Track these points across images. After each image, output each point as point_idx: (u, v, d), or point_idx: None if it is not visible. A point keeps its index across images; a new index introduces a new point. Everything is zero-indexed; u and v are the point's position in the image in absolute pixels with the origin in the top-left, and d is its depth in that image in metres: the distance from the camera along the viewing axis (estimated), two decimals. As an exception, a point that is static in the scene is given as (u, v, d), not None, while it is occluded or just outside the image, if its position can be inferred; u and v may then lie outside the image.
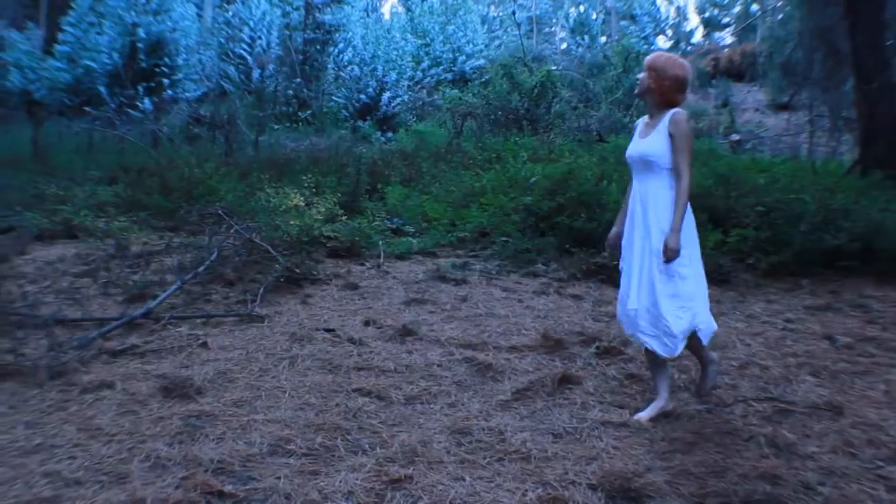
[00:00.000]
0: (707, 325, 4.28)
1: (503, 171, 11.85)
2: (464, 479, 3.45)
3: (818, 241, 8.11)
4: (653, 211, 4.20)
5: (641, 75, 4.33)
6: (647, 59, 4.37)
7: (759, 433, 3.99)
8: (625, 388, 4.75)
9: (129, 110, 21.38)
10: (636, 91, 4.44)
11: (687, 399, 4.56)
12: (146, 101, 23.11)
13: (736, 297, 7.41)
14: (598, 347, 5.55)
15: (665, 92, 4.25)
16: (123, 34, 27.38)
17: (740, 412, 4.34)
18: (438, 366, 5.17)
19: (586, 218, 8.97)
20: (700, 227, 8.45)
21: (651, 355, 4.33)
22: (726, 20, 50.88)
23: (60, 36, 28.55)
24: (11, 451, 3.71)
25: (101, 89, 25.43)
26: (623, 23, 49.97)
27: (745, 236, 8.41)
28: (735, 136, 24.70)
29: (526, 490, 3.35)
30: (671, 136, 4.15)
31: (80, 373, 4.91)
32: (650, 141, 4.24)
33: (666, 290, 4.11)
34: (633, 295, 4.23)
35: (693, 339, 4.23)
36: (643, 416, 4.21)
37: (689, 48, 48.05)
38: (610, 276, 7.89)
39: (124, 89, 24.47)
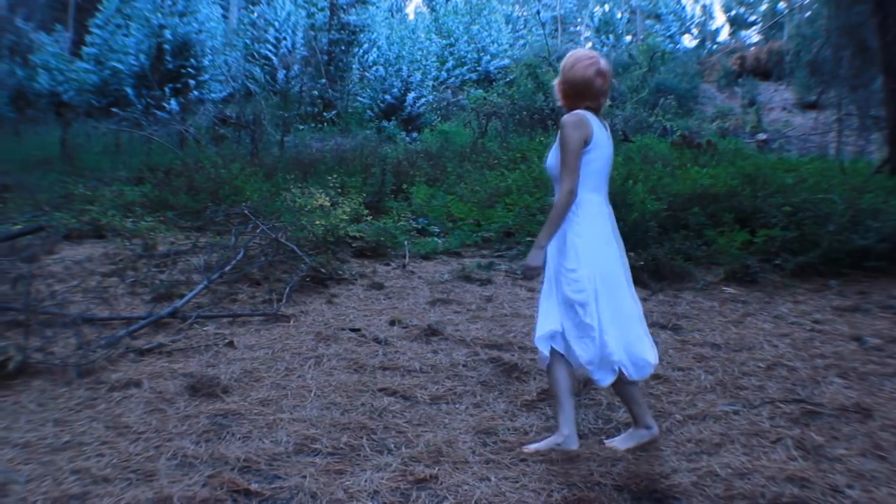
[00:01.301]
0: (637, 359, 3.80)
1: (528, 170, 11.85)
2: (489, 480, 3.45)
3: (846, 242, 8.03)
4: (568, 232, 3.75)
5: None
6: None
7: (786, 435, 3.95)
8: (651, 389, 4.71)
9: (156, 111, 21.56)
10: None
11: (713, 400, 4.53)
12: (172, 101, 23.30)
13: (763, 297, 7.35)
14: (623, 348, 5.52)
15: (568, 96, 3.82)
16: (150, 36, 27.64)
17: (767, 414, 4.30)
18: (463, 366, 5.18)
19: (612, 218, 8.93)
20: (727, 226, 8.49)
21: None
22: (753, 18, 50.54)
23: (88, 38, 28.89)
24: (41, 447, 3.74)
25: (128, 90, 25.68)
26: (648, 22, 49.84)
27: (773, 236, 8.34)
28: (762, 136, 24.56)
29: (551, 491, 3.35)
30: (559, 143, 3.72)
31: (108, 371, 4.95)
32: (551, 150, 3.84)
33: (567, 318, 3.74)
34: (543, 317, 3.84)
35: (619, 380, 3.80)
36: (617, 445, 3.85)
37: (714, 47, 47.81)
38: (636, 276, 7.84)
39: (151, 90, 24.68)
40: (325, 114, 26.20)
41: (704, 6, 59.03)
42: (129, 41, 27.92)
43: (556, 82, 3.87)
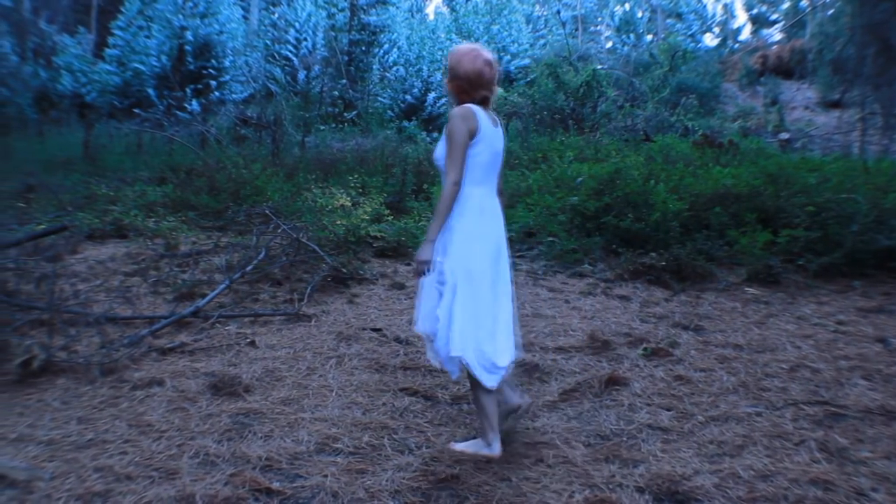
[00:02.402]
0: (479, 360, 3.70)
1: (549, 170, 11.82)
2: (510, 480, 3.45)
3: (870, 242, 7.98)
4: (449, 223, 3.75)
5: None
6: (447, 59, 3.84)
7: (809, 437, 3.93)
8: (673, 390, 4.70)
9: (178, 112, 21.68)
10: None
11: (736, 401, 4.51)
12: (194, 102, 23.43)
13: (786, 298, 7.31)
14: (645, 349, 5.50)
15: (463, 91, 3.78)
16: (171, 37, 27.80)
17: (791, 415, 4.27)
18: (485, 366, 5.17)
19: (633, 218, 8.91)
20: (749, 227, 8.44)
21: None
22: (775, 16, 50.22)
23: (110, 40, 29.08)
24: (65, 445, 3.78)
25: (150, 91, 25.84)
26: (669, 21, 49.62)
27: (796, 237, 8.28)
28: (784, 135, 24.38)
29: (573, 492, 3.34)
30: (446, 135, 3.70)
31: (131, 370, 4.99)
32: (438, 143, 3.81)
33: (443, 309, 3.72)
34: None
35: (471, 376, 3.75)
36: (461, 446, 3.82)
37: (736, 45, 47.56)
38: (658, 276, 7.84)
39: (172, 91, 24.82)
40: (345, 114, 26.24)
41: (726, 5, 58.74)
42: (151, 42, 28.09)
43: (446, 82, 3.86)
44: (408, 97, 27.28)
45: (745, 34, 52.64)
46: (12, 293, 6.14)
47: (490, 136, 3.76)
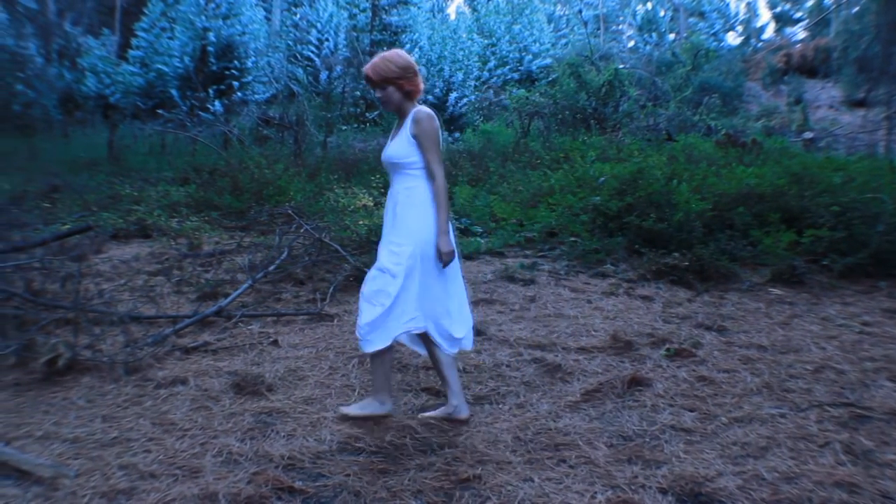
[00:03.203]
0: (436, 332, 4.12)
1: (571, 170, 11.79)
2: (532, 480, 3.45)
3: (896, 242, 7.92)
4: (403, 215, 4.08)
5: (380, 93, 4.13)
6: (373, 72, 4.09)
7: (834, 439, 3.90)
8: (696, 391, 4.67)
9: (200, 112, 21.80)
10: (387, 108, 4.26)
11: (759, 402, 4.48)
12: (216, 103, 23.55)
13: (810, 299, 7.26)
14: (668, 349, 5.48)
15: (413, 84, 4.14)
16: (194, 38, 27.96)
17: (815, 417, 4.24)
18: (507, 366, 5.17)
19: (656, 218, 8.88)
20: (773, 227, 8.40)
21: (430, 356, 4.30)
22: (798, 15, 49.84)
23: (134, 41, 29.29)
24: (89, 443, 3.81)
25: (173, 92, 26.00)
26: (692, 19, 49.38)
27: (820, 237, 8.23)
28: (808, 134, 24.22)
29: (595, 493, 3.34)
30: (415, 136, 4.02)
31: (155, 369, 5.02)
32: (396, 144, 4.10)
33: (372, 286, 4.01)
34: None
35: (377, 357, 4.06)
36: (351, 409, 4.18)
37: (759, 44, 47.26)
38: (681, 277, 7.80)
39: (195, 92, 24.96)
40: (367, 114, 26.31)
41: (749, 3, 58.31)
42: (174, 44, 28.27)
43: (394, 81, 4.08)
44: (429, 97, 27.32)
45: (769, 32, 52.35)
46: (38, 292, 6.20)
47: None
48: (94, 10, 33.45)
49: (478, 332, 5.82)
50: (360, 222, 9.30)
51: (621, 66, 23.05)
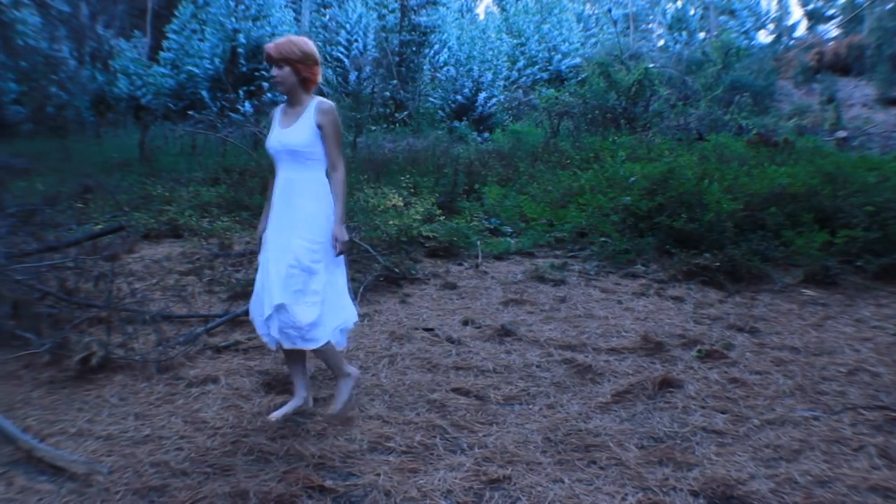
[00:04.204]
0: (343, 323, 4.25)
1: (601, 170, 11.75)
2: (562, 481, 3.44)
3: (932, 243, 7.82)
4: (299, 205, 4.05)
5: (276, 71, 4.06)
6: (274, 49, 4.04)
7: (869, 443, 3.85)
8: (727, 393, 4.64)
9: (231, 113, 21.92)
10: (279, 89, 4.16)
11: (792, 405, 4.44)
12: (246, 104, 23.70)
13: (844, 300, 7.18)
14: (699, 350, 5.44)
15: (310, 78, 4.10)
16: (224, 40, 28.17)
17: (849, 420, 4.19)
18: (537, 366, 5.16)
19: (687, 218, 8.83)
20: (805, 227, 8.32)
21: (289, 353, 4.27)
22: (831, 12, 49.27)
23: (165, 43, 29.57)
24: (122, 440, 3.86)
25: (204, 93, 26.22)
26: (722, 18, 49.00)
27: (854, 237, 8.14)
28: (841, 133, 23.94)
29: (626, 494, 3.32)
30: (320, 126, 4.03)
31: (187, 367, 5.06)
32: (297, 132, 4.04)
33: (292, 285, 3.94)
34: (267, 293, 4.01)
35: (327, 347, 4.12)
36: (276, 414, 4.17)
37: (791, 42, 46.83)
38: (712, 277, 7.75)
39: (225, 93, 25.14)
40: (396, 114, 26.37)
41: (780, 0, 57.69)
42: (205, 46, 28.51)
43: (293, 63, 4.03)
44: (458, 97, 27.30)
45: (801, 30, 51.80)
46: (72, 291, 6.27)
47: None
48: (125, 13, 33.74)
49: (508, 332, 5.85)
50: (391, 222, 9.30)
51: (651, 66, 22.90)
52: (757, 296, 7.32)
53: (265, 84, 27.43)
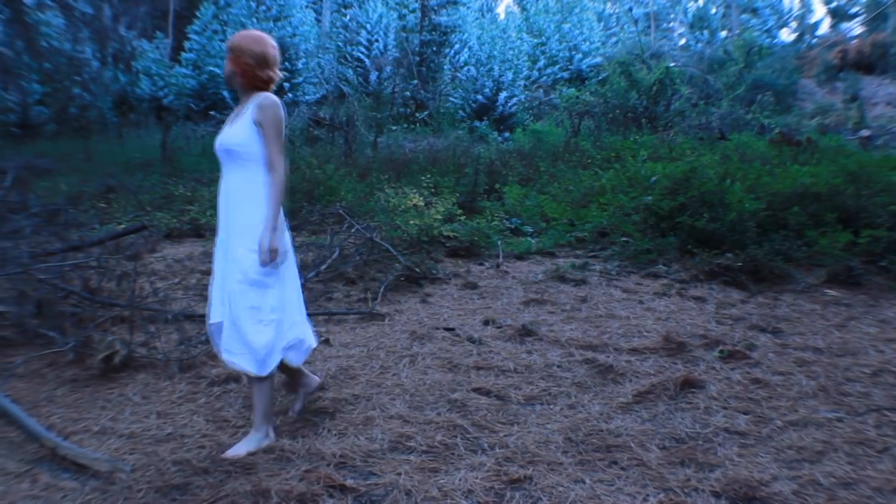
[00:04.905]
0: (299, 342, 3.95)
1: (622, 170, 11.71)
2: (584, 482, 3.43)
3: (958, 243, 7.75)
4: (236, 210, 3.74)
5: (226, 65, 3.83)
6: (229, 41, 3.83)
7: (893, 444, 3.81)
8: (750, 394, 4.61)
9: (253, 114, 22.00)
10: (227, 81, 3.89)
11: (815, 406, 4.41)
12: (268, 104, 23.79)
13: (868, 300, 7.12)
14: (721, 351, 5.41)
15: (247, 73, 3.75)
16: (246, 40, 28.24)
17: (873, 422, 4.15)
18: (558, 366, 5.15)
19: (709, 217, 8.78)
20: (829, 227, 8.26)
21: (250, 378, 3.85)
22: (855, 9, 48.86)
23: (186, 44, 29.77)
24: (145, 438, 3.88)
25: (225, 94, 26.37)
26: (744, 16, 48.75)
27: (878, 237, 8.08)
28: (865, 132, 23.77)
29: (647, 495, 3.31)
30: (258, 124, 3.67)
31: (208, 366, 5.08)
32: (234, 130, 3.72)
33: (244, 301, 3.65)
34: (216, 306, 3.79)
35: (267, 383, 3.79)
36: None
37: (814, 40, 46.50)
38: (734, 277, 7.70)
39: (246, 94, 25.21)
40: (417, 114, 26.40)
41: (803, -1, 57.30)
42: (226, 46, 28.64)
43: (229, 61, 3.80)
44: (479, 97, 27.29)
45: (824, 28, 51.46)
46: (95, 291, 6.32)
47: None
48: (147, 14, 33.94)
49: (529, 332, 5.84)
50: (411, 222, 9.32)
51: (672, 65, 22.82)
52: (779, 296, 7.28)
53: (286, 84, 27.54)
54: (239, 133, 3.70)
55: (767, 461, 3.64)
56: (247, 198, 3.71)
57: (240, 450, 3.69)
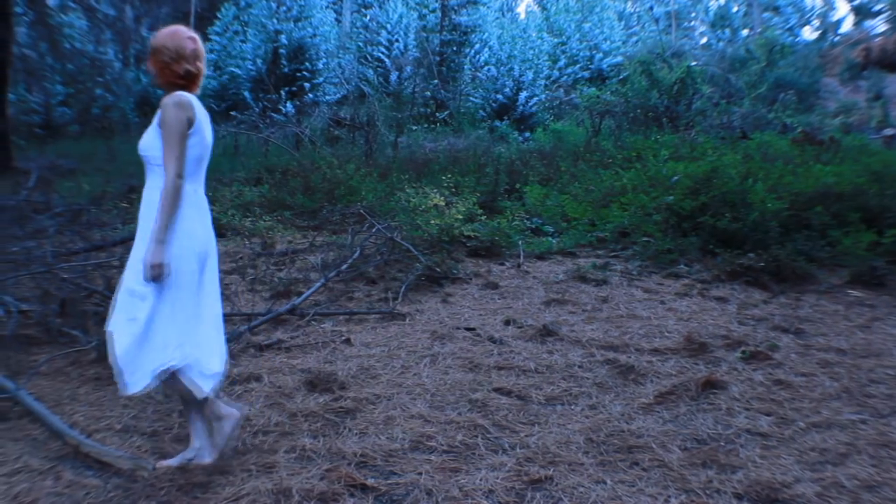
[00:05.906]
0: (166, 364, 3.40)
1: (643, 169, 11.65)
2: (605, 483, 3.42)
3: (983, 242, 7.68)
4: (146, 218, 3.42)
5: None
6: (154, 36, 3.54)
7: (918, 446, 3.80)
8: (772, 395, 4.59)
9: (273, 114, 22.07)
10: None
11: (839, 408, 4.38)
12: (288, 104, 23.83)
13: (891, 301, 7.07)
14: (744, 352, 5.39)
15: (163, 70, 3.49)
16: (266, 41, 28.42)
17: (898, 423, 4.14)
18: (579, 367, 5.14)
19: (731, 217, 8.74)
20: (852, 226, 8.19)
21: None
22: (878, 7, 48.37)
23: (207, 45, 29.80)
24: (167, 437, 3.93)
25: (246, 94, 26.44)
26: (766, 14, 48.38)
27: (902, 237, 8.03)
28: (889, 131, 23.56)
29: (668, 496, 3.30)
30: (160, 125, 3.38)
31: (230, 365, 5.10)
32: (145, 134, 3.46)
33: (128, 312, 3.36)
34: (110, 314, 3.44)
35: (178, 384, 3.47)
36: (164, 463, 3.57)
37: (837, 38, 46.11)
38: (756, 278, 7.66)
39: (267, 94, 25.30)
40: (437, 114, 26.38)
41: (826, -4, 56.85)
42: (247, 47, 28.79)
43: (157, 55, 3.49)
44: (499, 97, 27.23)
45: (847, 26, 50.92)
46: (118, 290, 6.35)
47: (204, 128, 3.56)
48: (169, 15, 34.14)
49: (550, 332, 5.83)
50: (432, 222, 9.32)
51: (694, 64, 22.71)
52: (802, 296, 7.23)
53: (307, 84, 27.62)
54: (146, 137, 3.46)
55: (790, 463, 3.62)
56: (150, 205, 3.43)
57: (174, 460, 3.57)
